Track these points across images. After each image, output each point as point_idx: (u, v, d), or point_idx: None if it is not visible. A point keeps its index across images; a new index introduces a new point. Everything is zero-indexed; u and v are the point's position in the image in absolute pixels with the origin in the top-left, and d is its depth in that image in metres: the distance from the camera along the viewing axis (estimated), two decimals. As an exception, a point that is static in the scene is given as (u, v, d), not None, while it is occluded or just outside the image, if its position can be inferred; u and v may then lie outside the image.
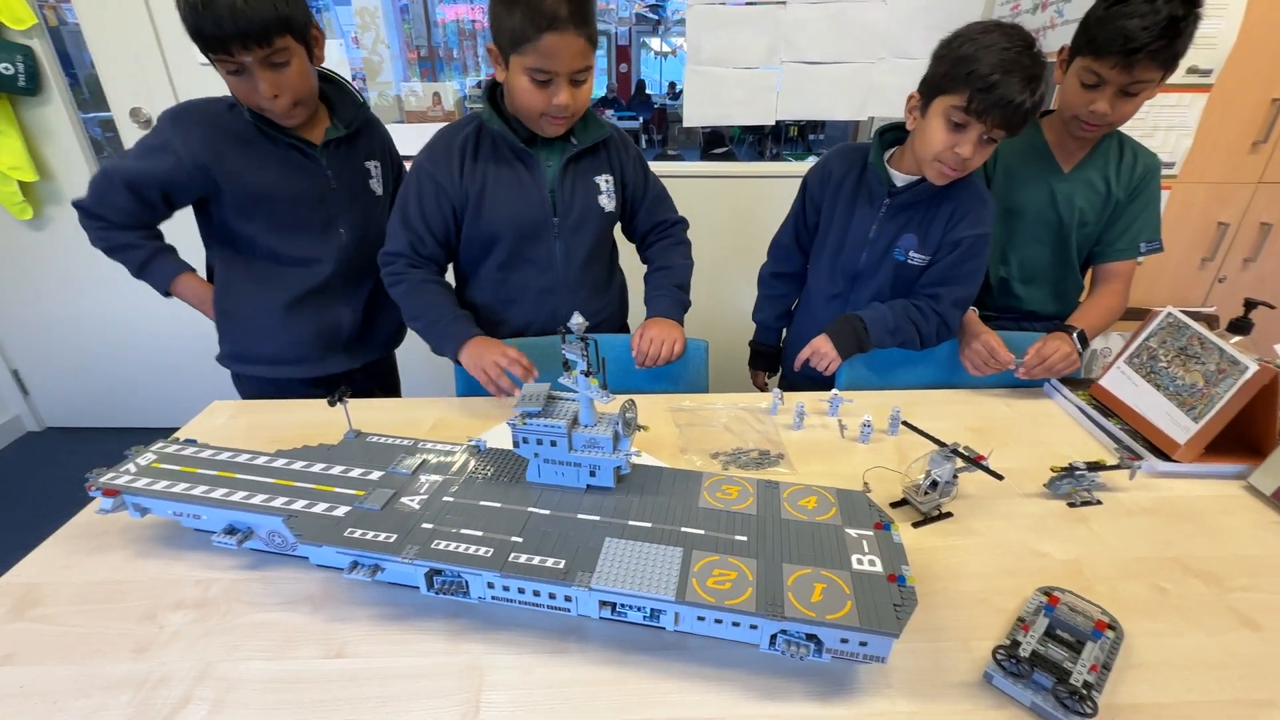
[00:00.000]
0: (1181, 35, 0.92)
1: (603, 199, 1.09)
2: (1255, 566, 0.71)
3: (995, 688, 0.56)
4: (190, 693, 0.55)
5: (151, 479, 0.70)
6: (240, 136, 1.00)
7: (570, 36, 0.88)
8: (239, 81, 0.94)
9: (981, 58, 0.88)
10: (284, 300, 1.10)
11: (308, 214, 1.08)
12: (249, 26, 0.87)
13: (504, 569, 0.58)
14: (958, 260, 1.03)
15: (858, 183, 1.11)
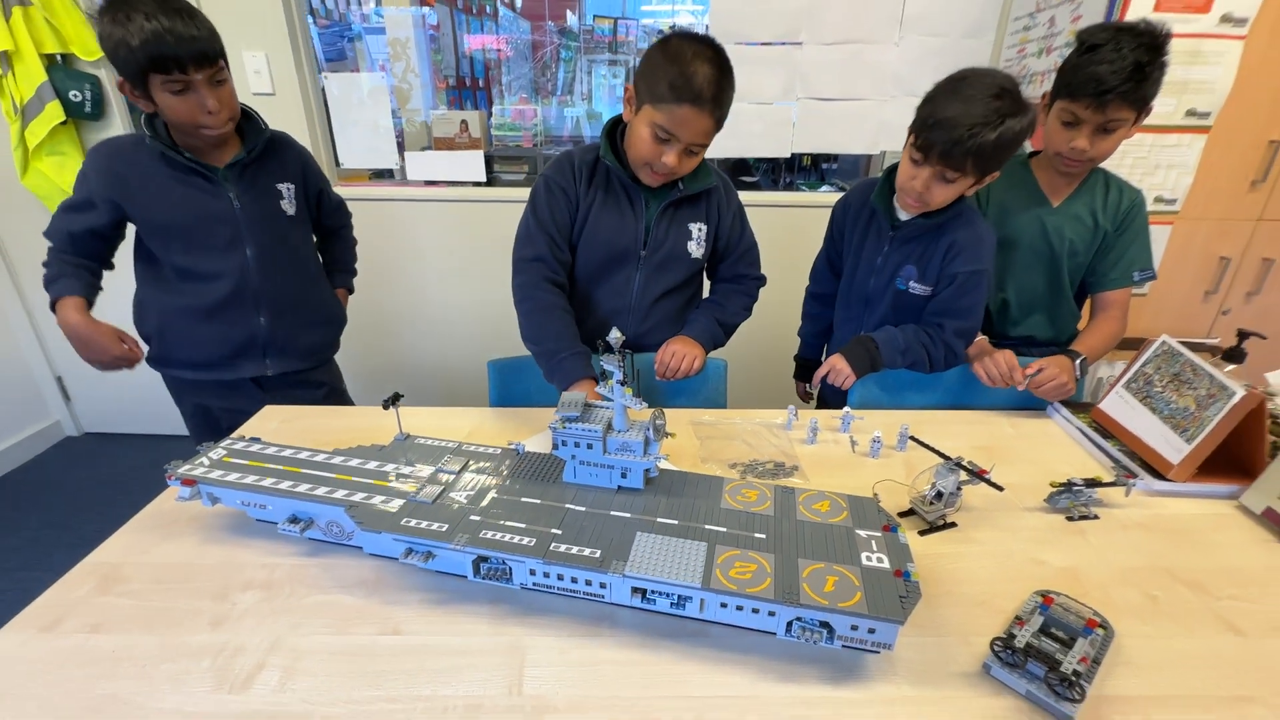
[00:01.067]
0: (1147, 79, 1.00)
1: (692, 245, 1.16)
2: (1242, 578, 0.75)
3: (993, 677, 0.61)
4: (264, 660, 0.62)
5: (223, 471, 0.77)
6: (141, 168, 1.11)
7: (704, 115, 0.97)
8: (182, 101, 1.03)
9: (939, 101, 0.97)
10: (194, 310, 1.19)
11: (211, 233, 1.16)
12: (203, 48, 1.00)
13: (546, 556, 0.64)
14: (955, 294, 1.11)
15: (871, 215, 1.19)
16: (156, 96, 1.03)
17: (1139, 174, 1.53)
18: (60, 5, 1.78)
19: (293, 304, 1.28)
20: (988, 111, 0.94)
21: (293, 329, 1.29)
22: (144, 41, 0.96)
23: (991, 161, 0.99)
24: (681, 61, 0.94)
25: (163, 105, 1.04)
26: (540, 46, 6.46)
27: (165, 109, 1.04)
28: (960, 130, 0.94)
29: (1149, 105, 1.05)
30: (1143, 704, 0.59)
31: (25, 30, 1.74)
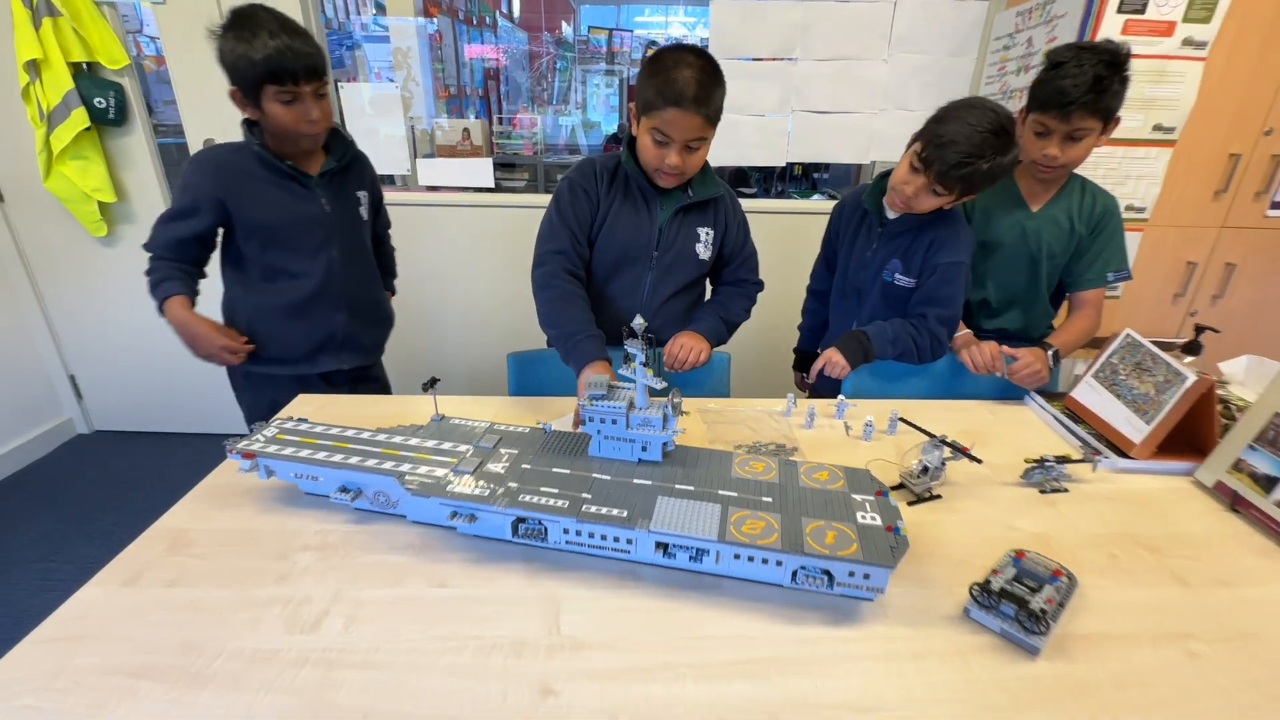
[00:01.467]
0: (1106, 91, 1.11)
1: (700, 248, 1.26)
2: (1193, 542, 0.85)
3: (972, 619, 0.70)
4: (328, 608, 0.69)
5: (279, 446, 0.85)
6: (246, 172, 1.20)
7: (690, 114, 1.05)
8: (289, 110, 1.14)
9: (948, 124, 1.07)
10: (283, 307, 1.29)
11: (304, 234, 1.27)
12: (314, 64, 1.13)
13: (579, 516, 0.72)
14: (937, 284, 1.21)
15: (863, 215, 1.31)
16: (266, 105, 1.14)
17: (1111, 184, 1.63)
18: (88, 16, 1.86)
19: (363, 303, 1.40)
20: (984, 145, 1.04)
21: (362, 326, 1.40)
22: (266, 56, 1.08)
23: (976, 188, 1.11)
24: (664, 70, 1.04)
25: (270, 113, 1.15)
26: (537, 57, 6.57)
27: (272, 116, 1.15)
28: (959, 157, 1.05)
29: (1115, 116, 1.16)
30: (1099, 639, 0.68)
31: (54, 40, 1.81)
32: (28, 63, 1.82)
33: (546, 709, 0.58)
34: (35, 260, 2.22)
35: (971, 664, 0.65)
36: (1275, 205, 1.69)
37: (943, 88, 2.01)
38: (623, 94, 8.89)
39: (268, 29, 1.08)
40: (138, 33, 2.43)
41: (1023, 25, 1.78)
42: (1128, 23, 1.49)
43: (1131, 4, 1.47)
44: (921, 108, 2.04)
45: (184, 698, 0.59)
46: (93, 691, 0.59)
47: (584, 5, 9.32)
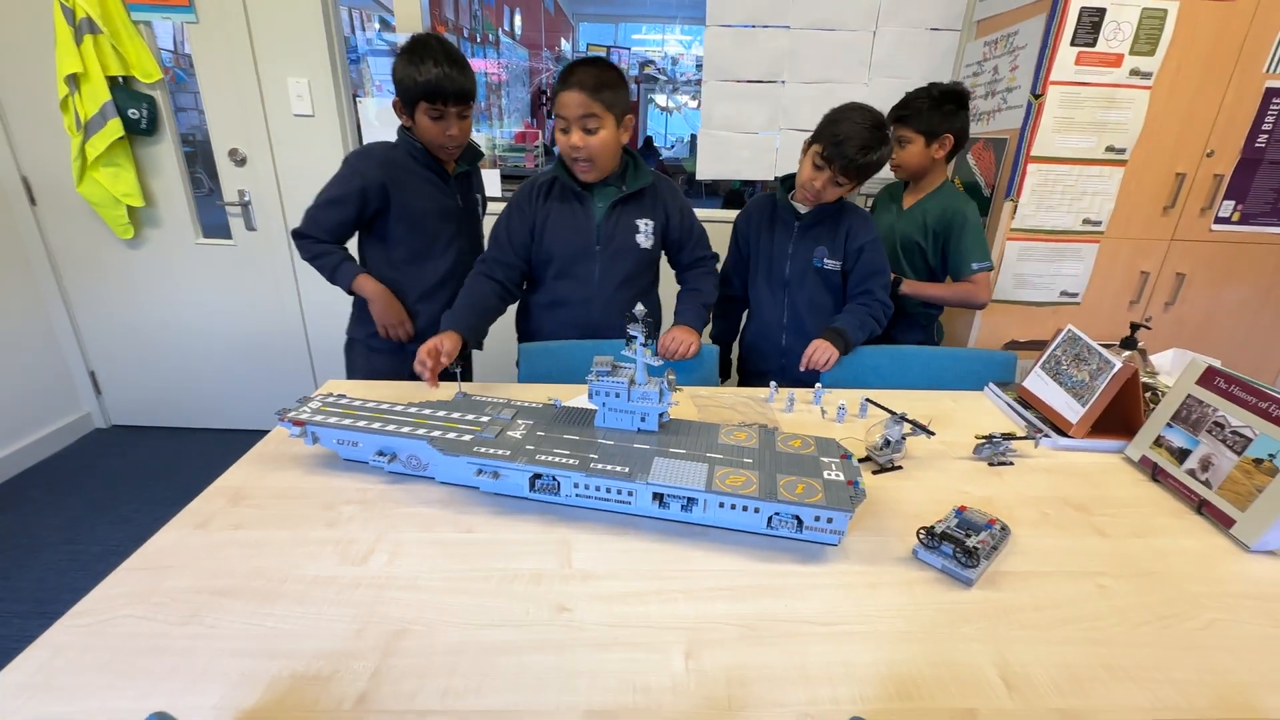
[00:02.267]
0: (859, 161, 1.31)
1: (640, 238, 1.40)
2: (1117, 504, 0.98)
3: (919, 559, 0.82)
4: (373, 546, 0.82)
5: (324, 415, 0.97)
6: (404, 165, 1.44)
7: (574, 92, 1.22)
8: (434, 124, 1.37)
9: (841, 125, 1.29)
10: (421, 287, 1.52)
11: (442, 224, 1.51)
12: (462, 91, 1.36)
13: (588, 471, 0.85)
14: (869, 259, 1.44)
15: (773, 217, 1.51)
16: (418, 117, 1.37)
17: (1068, 199, 1.80)
18: (125, 33, 1.99)
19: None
20: (872, 139, 1.29)
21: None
22: (426, 81, 1.31)
23: (868, 175, 1.34)
24: (562, 74, 1.24)
25: (419, 124, 1.38)
26: (537, 73, 6.77)
27: (420, 127, 1.39)
28: (855, 151, 1.28)
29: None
30: (1025, 575, 0.81)
31: (94, 55, 1.95)
32: (68, 76, 1.95)
33: (562, 621, 0.71)
34: (62, 261, 2.34)
35: (916, 592, 0.77)
36: (1220, 220, 1.84)
37: (919, 109, 2.17)
38: (620, 109, 8.97)
39: (434, 58, 1.30)
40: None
41: (989, 55, 1.94)
42: (1080, 54, 1.65)
43: (1083, 38, 1.63)
44: (900, 128, 2.20)
45: (261, 609, 0.71)
46: (185, 605, 0.71)
47: (583, 23, 9.55)
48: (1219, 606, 0.76)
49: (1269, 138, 1.74)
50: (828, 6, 2.06)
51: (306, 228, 1.44)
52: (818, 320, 1.47)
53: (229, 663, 0.63)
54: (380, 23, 5.67)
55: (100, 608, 0.70)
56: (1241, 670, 0.67)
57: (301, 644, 0.66)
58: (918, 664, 0.66)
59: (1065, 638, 0.71)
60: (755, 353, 1.60)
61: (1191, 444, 0.99)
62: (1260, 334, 1.98)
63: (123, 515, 2.08)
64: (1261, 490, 0.87)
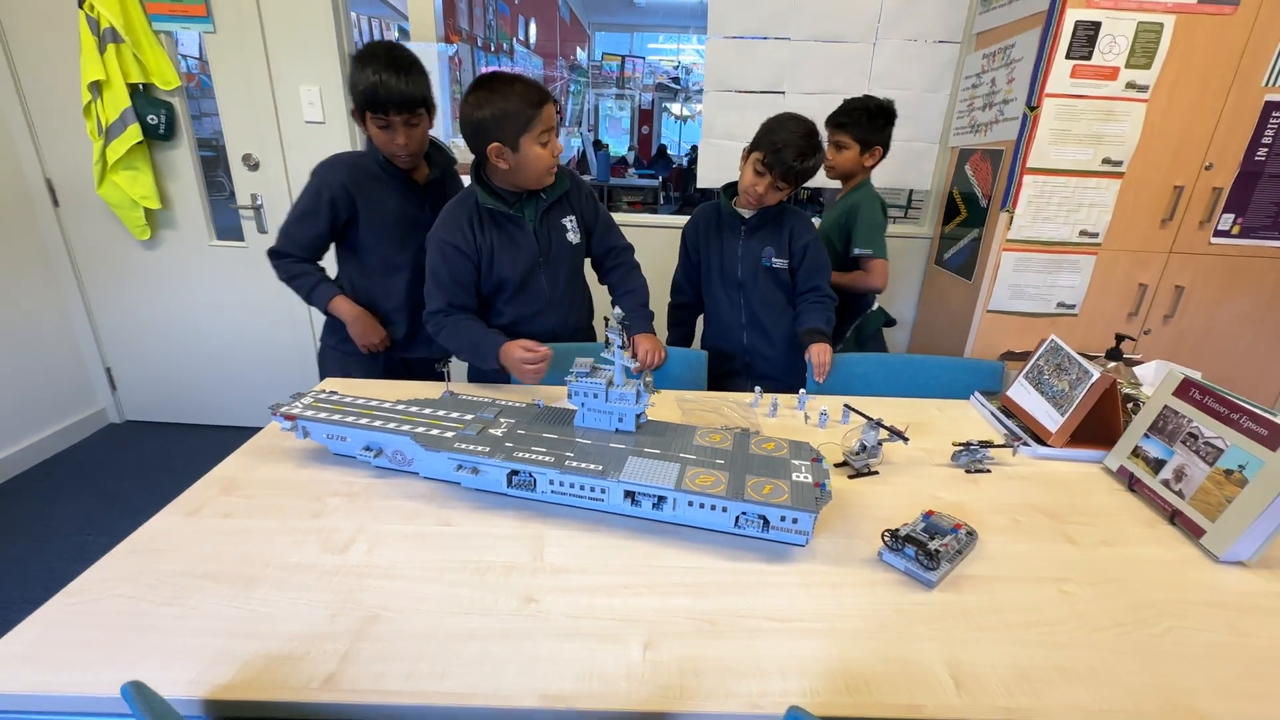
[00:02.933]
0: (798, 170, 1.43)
1: (569, 235, 1.44)
2: (1091, 513, 0.98)
3: (884, 561, 0.84)
4: (354, 536, 0.85)
5: (314, 411, 1.01)
6: (370, 173, 1.44)
7: (551, 103, 1.26)
8: (383, 133, 1.36)
9: (779, 134, 1.39)
10: (396, 299, 1.52)
11: (411, 233, 1.48)
12: (404, 98, 1.32)
13: (563, 469, 0.88)
14: (813, 258, 1.54)
15: (719, 223, 1.60)
16: (368, 126, 1.36)
17: (1065, 211, 1.80)
18: (147, 42, 2.07)
19: None
20: (808, 146, 1.40)
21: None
22: (365, 88, 1.30)
23: (804, 179, 1.45)
24: (506, 91, 1.21)
25: (371, 133, 1.38)
26: (551, 81, 6.83)
27: (372, 135, 1.38)
28: (792, 157, 1.38)
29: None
30: (989, 579, 0.82)
31: (116, 63, 2.03)
32: (91, 83, 2.03)
33: (529, 612, 0.73)
34: (82, 260, 2.42)
35: (877, 592, 0.79)
36: (1219, 233, 1.83)
37: (918, 120, 2.19)
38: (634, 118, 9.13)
39: (373, 66, 1.28)
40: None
41: (988, 67, 1.95)
42: (1076, 67, 1.66)
43: (1079, 51, 1.64)
44: (900, 138, 2.20)
45: (242, 593, 0.74)
46: (172, 587, 0.74)
47: (599, 32, 9.66)
48: (1179, 614, 0.77)
49: (1269, 151, 1.73)
50: (828, 19, 2.09)
51: (283, 245, 1.45)
52: (774, 317, 1.57)
53: (207, 641, 0.67)
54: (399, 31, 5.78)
55: (92, 587, 0.74)
56: (1193, 675, 0.68)
57: (277, 626, 0.69)
58: (870, 661, 0.68)
59: (1021, 640, 0.72)
60: (718, 354, 1.63)
61: (1167, 455, 0.99)
62: (1261, 348, 1.96)
63: (132, 508, 2.14)
64: (1231, 501, 0.87)
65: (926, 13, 2.07)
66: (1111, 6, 1.60)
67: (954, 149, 2.17)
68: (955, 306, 2.10)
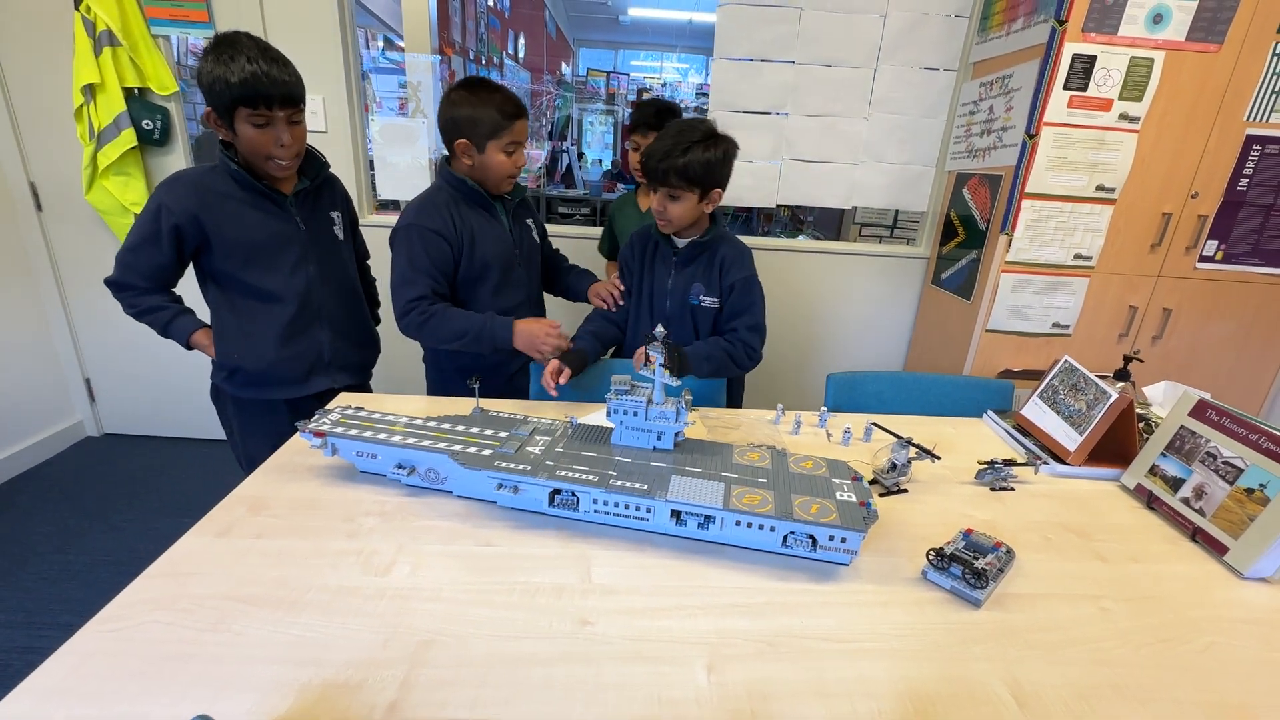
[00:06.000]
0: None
1: (534, 235, 1.53)
2: (1115, 530, 1.01)
3: (928, 580, 0.85)
4: (395, 558, 0.83)
5: (345, 427, 0.99)
6: (221, 191, 1.23)
7: (525, 119, 1.32)
8: (261, 133, 1.18)
9: (650, 149, 1.31)
10: (271, 329, 1.32)
11: (282, 253, 1.30)
12: (288, 91, 1.18)
13: (607, 488, 0.87)
14: (737, 299, 1.39)
15: (655, 250, 1.47)
16: (239, 126, 1.17)
17: (1061, 235, 1.86)
18: (144, 46, 2.03)
19: (347, 322, 1.45)
20: (673, 147, 1.27)
21: (348, 345, 1.45)
22: (242, 80, 1.12)
23: (691, 176, 1.27)
24: (486, 98, 1.27)
25: (242, 135, 1.18)
26: (538, 95, 6.88)
27: (244, 138, 1.19)
28: (657, 161, 1.28)
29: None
30: (1030, 598, 0.83)
31: (112, 66, 1.98)
32: (85, 86, 1.97)
33: (585, 635, 0.72)
34: (64, 267, 2.33)
35: (927, 612, 0.79)
36: (1204, 259, 1.91)
37: (916, 144, 2.25)
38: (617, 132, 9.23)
39: (247, 54, 1.13)
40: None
41: (985, 95, 2.02)
42: (1072, 98, 1.72)
43: (1075, 83, 1.71)
44: (898, 161, 2.28)
45: (286, 618, 0.71)
46: (211, 612, 0.71)
47: (583, 49, 9.75)
48: (1216, 630, 0.79)
49: (1250, 182, 1.82)
50: (830, 44, 2.14)
51: (123, 276, 1.26)
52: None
53: (259, 670, 0.64)
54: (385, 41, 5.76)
55: (126, 613, 0.71)
56: (1240, 692, 0.70)
57: (329, 653, 0.67)
58: (931, 681, 0.68)
59: (1071, 658, 0.73)
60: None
61: (1185, 473, 1.02)
62: (1244, 368, 2.04)
63: (113, 524, 2.05)
64: (1253, 519, 0.90)
65: (926, 41, 2.13)
66: (1106, 42, 1.67)
67: (951, 173, 2.23)
68: (953, 325, 2.15)
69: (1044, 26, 1.73)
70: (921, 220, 2.44)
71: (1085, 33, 1.66)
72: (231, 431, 1.46)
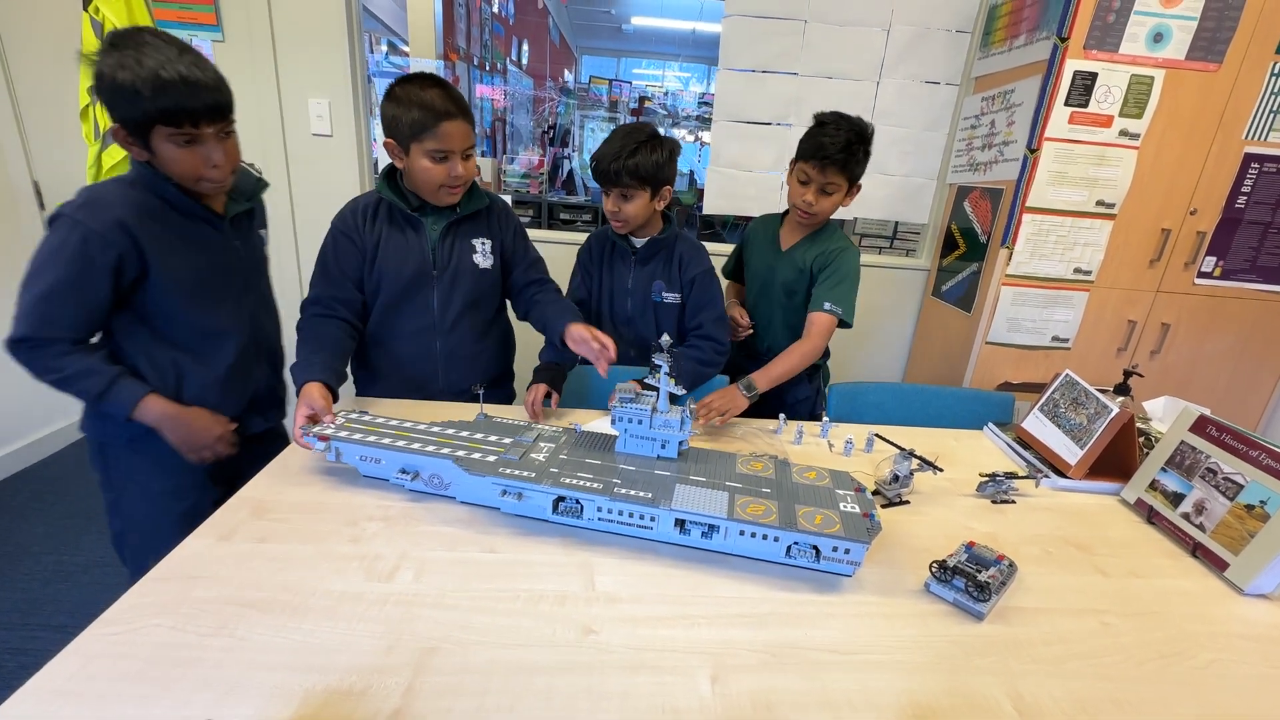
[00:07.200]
0: (854, 156, 1.35)
1: (478, 258, 1.32)
2: (1116, 544, 1.01)
3: (931, 593, 0.85)
4: (398, 563, 0.82)
5: (348, 432, 0.99)
6: (154, 214, 1.00)
7: (459, 121, 1.15)
8: (188, 153, 0.96)
9: (603, 146, 1.32)
10: (214, 370, 1.12)
11: (224, 284, 1.11)
12: (217, 101, 0.96)
13: (611, 495, 0.87)
14: (700, 292, 1.42)
15: (613, 250, 1.48)
16: (158, 146, 0.95)
17: (1061, 249, 1.88)
18: (151, 48, 2.03)
19: (276, 351, 1.30)
20: (621, 149, 1.28)
21: (276, 377, 1.30)
22: (156, 91, 0.89)
23: (642, 175, 1.30)
24: (416, 97, 1.12)
25: (164, 156, 0.96)
26: (541, 102, 6.92)
27: (166, 160, 0.96)
28: (606, 162, 1.29)
29: (858, 183, 1.42)
30: (1033, 611, 0.83)
31: (119, 67, 1.98)
32: (91, 87, 1.97)
33: (589, 643, 0.72)
34: (66, 266, 2.32)
35: (930, 624, 0.80)
36: (1202, 275, 1.93)
37: (918, 157, 2.27)
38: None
39: (158, 57, 0.89)
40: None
41: (986, 109, 2.04)
42: (1073, 114, 1.74)
43: (1077, 99, 1.73)
44: (900, 173, 2.29)
45: (290, 623, 0.71)
46: (214, 616, 0.71)
47: (585, 56, 9.81)
48: (1217, 647, 0.80)
49: (1248, 199, 1.84)
50: (834, 57, 2.16)
51: (38, 329, 0.97)
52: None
53: (261, 676, 0.64)
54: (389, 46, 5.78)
55: (129, 617, 0.70)
56: (1241, 708, 0.70)
57: (333, 658, 0.67)
58: (935, 694, 0.68)
59: (1074, 672, 0.73)
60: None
61: (1185, 489, 1.03)
62: (1241, 383, 2.05)
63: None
64: (1254, 535, 0.91)
65: (928, 55, 2.15)
66: (1107, 59, 1.69)
67: (952, 185, 2.25)
68: (953, 337, 2.16)
69: (1046, 43, 1.75)
70: (922, 232, 2.46)
71: (1087, 50, 1.68)
72: (122, 498, 1.18)
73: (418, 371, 1.33)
